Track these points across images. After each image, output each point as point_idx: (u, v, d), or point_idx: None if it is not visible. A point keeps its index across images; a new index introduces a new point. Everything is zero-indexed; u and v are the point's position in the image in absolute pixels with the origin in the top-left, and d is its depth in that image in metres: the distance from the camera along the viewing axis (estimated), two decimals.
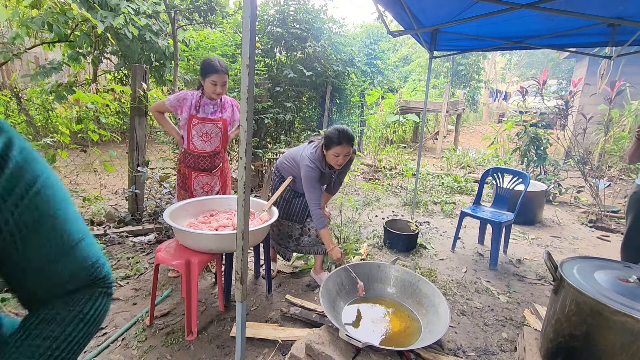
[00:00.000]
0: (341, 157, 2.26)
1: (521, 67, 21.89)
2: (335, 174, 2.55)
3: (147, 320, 2.19)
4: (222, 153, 2.65)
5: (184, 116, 2.40)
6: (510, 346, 2.16)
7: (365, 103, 8.28)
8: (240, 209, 1.22)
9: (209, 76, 2.34)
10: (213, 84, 2.36)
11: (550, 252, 1.73)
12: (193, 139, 2.45)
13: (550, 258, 1.64)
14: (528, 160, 5.44)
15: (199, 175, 2.56)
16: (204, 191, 2.61)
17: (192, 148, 2.48)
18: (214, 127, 2.47)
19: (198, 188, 2.59)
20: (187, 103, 2.39)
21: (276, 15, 5.49)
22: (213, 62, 2.35)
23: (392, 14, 3.04)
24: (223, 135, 2.53)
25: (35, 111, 5.84)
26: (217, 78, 2.36)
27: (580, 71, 9.48)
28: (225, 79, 2.40)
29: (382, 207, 4.97)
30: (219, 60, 2.38)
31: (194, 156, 2.51)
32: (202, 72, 2.39)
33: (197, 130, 2.43)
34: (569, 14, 2.49)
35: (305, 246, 2.65)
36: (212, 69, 2.34)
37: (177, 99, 2.40)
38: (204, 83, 2.39)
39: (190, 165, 2.54)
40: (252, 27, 1.06)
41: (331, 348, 1.72)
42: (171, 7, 3.49)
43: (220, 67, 2.36)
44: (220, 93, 2.43)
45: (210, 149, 2.51)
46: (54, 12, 2.75)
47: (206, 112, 2.45)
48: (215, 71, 2.34)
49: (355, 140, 2.28)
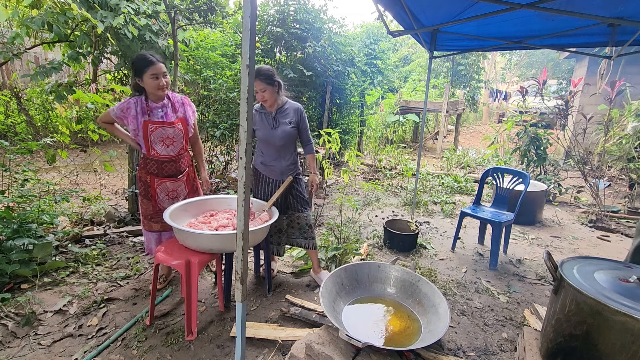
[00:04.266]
0: (259, 94, 2.34)
1: (521, 67, 21.89)
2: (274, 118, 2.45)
3: (147, 320, 2.19)
4: (187, 156, 2.46)
5: (132, 127, 2.18)
6: (510, 346, 2.16)
7: (365, 103, 8.28)
8: (240, 209, 1.22)
9: (145, 71, 2.10)
10: (154, 77, 2.12)
11: (550, 252, 1.72)
12: (154, 145, 2.22)
13: (550, 258, 1.64)
14: (528, 160, 5.44)
15: (163, 182, 2.34)
16: (169, 199, 2.39)
17: (154, 154, 2.26)
18: (174, 130, 2.26)
19: (163, 196, 2.37)
20: (130, 112, 2.16)
21: (276, 15, 5.49)
22: (145, 55, 2.12)
23: (392, 14, 3.04)
24: (185, 136, 2.34)
25: (35, 111, 5.84)
26: (156, 69, 2.13)
27: (580, 71, 9.48)
28: (164, 69, 2.16)
29: (382, 207, 4.97)
30: (149, 52, 2.17)
31: (157, 162, 2.29)
32: (136, 71, 2.13)
33: (157, 135, 2.21)
34: (569, 14, 2.49)
35: (293, 237, 2.68)
36: (147, 62, 2.10)
37: (120, 109, 2.17)
38: (144, 82, 2.14)
39: (152, 172, 2.32)
40: (252, 27, 1.06)
41: (331, 348, 1.72)
42: (171, 7, 3.49)
43: (154, 57, 2.14)
44: (165, 86, 2.19)
45: (175, 152, 2.31)
46: (54, 12, 2.74)
47: (157, 116, 2.21)
48: (150, 63, 2.10)
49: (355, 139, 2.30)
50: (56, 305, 2.30)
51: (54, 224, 3.07)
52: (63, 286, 2.53)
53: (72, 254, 2.93)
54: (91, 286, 2.56)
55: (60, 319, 2.20)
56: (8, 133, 4.63)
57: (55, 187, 3.47)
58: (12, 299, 2.30)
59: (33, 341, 2.00)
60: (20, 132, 4.85)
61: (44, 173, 4.73)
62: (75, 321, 2.19)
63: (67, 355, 1.91)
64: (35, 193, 3.06)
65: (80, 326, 2.15)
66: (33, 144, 2.94)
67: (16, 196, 2.89)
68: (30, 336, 2.03)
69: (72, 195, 3.31)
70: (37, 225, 2.75)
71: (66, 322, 2.18)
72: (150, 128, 2.18)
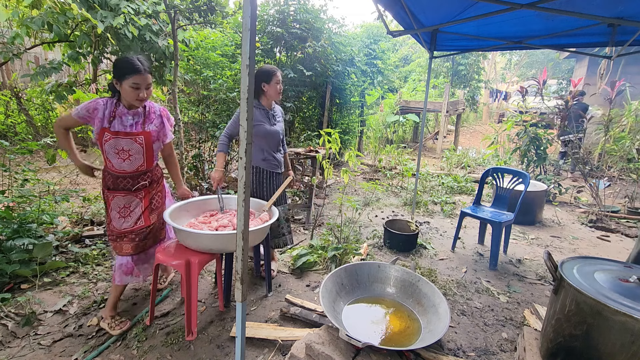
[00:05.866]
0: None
1: (521, 67, 21.89)
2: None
3: (147, 320, 2.19)
4: (152, 172, 2.15)
5: (95, 132, 1.95)
6: (510, 346, 2.16)
7: (365, 103, 8.29)
8: (240, 209, 1.22)
9: (127, 78, 1.86)
10: (134, 87, 1.87)
11: (550, 252, 1.73)
12: (108, 156, 1.96)
13: (550, 258, 1.64)
14: (528, 160, 5.45)
15: (115, 196, 2.05)
16: (120, 216, 2.06)
17: (109, 166, 2.01)
18: (132, 143, 1.97)
19: (114, 213, 2.06)
20: (97, 114, 1.90)
21: (276, 15, 5.50)
22: (132, 61, 1.87)
23: (392, 14, 3.04)
24: (147, 152, 2.03)
25: (35, 111, 5.84)
26: (140, 80, 1.87)
27: (580, 71, 9.48)
28: (149, 80, 1.92)
29: (382, 207, 4.97)
30: (139, 57, 1.90)
31: (113, 176, 2.02)
32: (117, 73, 1.88)
33: (110, 146, 1.94)
34: (569, 14, 2.49)
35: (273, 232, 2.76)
36: (132, 69, 1.85)
37: (86, 109, 1.91)
38: (121, 87, 1.89)
39: (108, 186, 2.05)
40: (252, 27, 1.06)
41: (331, 348, 1.72)
42: (171, 7, 3.49)
43: (142, 65, 1.88)
44: (144, 99, 1.93)
45: (131, 168, 2.02)
46: (54, 12, 2.74)
47: (124, 124, 1.95)
48: (135, 71, 1.85)
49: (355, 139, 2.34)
50: (56, 305, 2.30)
51: (54, 224, 3.07)
52: (63, 286, 2.53)
53: (72, 254, 2.93)
54: (91, 286, 2.56)
55: (60, 319, 2.20)
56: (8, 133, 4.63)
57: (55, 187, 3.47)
58: (12, 299, 2.30)
59: (33, 341, 2.00)
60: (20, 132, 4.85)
61: (44, 173, 4.73)
62: (75, 321, 2.19)
63: (67, 355, 1.91)
64: (35, 193, 3.06)
65: (80, 326, 2.15)
66: (33, 144, 2.94)
67: (16, 196, 2.89)
68: (30, 336, 2.03)
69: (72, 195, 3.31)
70: (37, 225, 2.75)
71: (66, 322, 2.18)
72: (104, 137, 1.91)
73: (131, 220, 2.08)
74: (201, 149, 4.44)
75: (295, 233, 3.82)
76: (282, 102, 5.31)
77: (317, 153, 3.95)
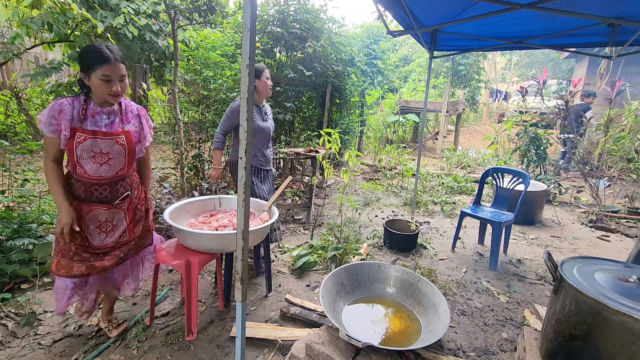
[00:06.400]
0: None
1: (521, 67, 21.89)
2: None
3: (147, 320, 2.19)
4: (131, 177, 1.87)
5: (64, 133, 1.61)
6: (510, 346, 2.16)
7: (365, 103, 8.29)
8: (240, 209, 1.22)
9: (95, 69, 1.57)
10: (105, 79, 1.59)
11: (550, 252, 1.73)
12: (81, 160, 1.64)
13: (550, 258, 1.64)
14: (528, 160, 5.45)
15: (93, 209, 1.75)
16: (101, 232, 1.80)
17: (81, 173, 1.68)
18: (113, 144, 1.69)
19: (92, 228, 1.77)
20: (64, 116, 1.60)
21: (276, 15, 5.49)
22: (100, 49, 1.58)
23: (392, 14, 3.04)
24: (129, 154, 1.77)
25: (35, 111, 5.84)
26: (110, 70, 1.59)
27: (580, 71, 9.49)
28: (122, 71, 1.64)
29: (382, 207, 4.97)
30: (107, 45, 1.62)
31: (85, 184, 1.71)
32: (83, 65, 1.59)
33: (85, 149, 1.63)
34: (569, 14, 2.49)
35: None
36: (100, 58, 1.56)
37: (51, 117, 1.59)
38: (90, 81, 1.61)
39: (79, 197, 1.73)
40: (252, 27, 1.06)
41: (331, 348, 1.72)
42: (171, 7, 3.49)
43: (112, 54, 1.59)
44: (118, 93, 1.65)
45: (110, 173, 1.73)
46: (54, 12, 2.75)
47: (98, 124, 1.67)
48: (104, 60, 1.57)
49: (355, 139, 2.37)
50: None
51: (54, 224, 3.07)
52: None
53: None
54: None
55: (60, 319, 2.20)
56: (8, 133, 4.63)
57: None
58: (12, 299, 2.30)
59: (33, 341, 2.00)
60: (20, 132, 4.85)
61: (44, 173, 4.73)
62: (75, 321, 2.19)
63: (67, 355, 1.91)
64: (35, 193, 3.06)
65: (80, 326, 2.15)
66: (33, 144, 2.94)
67: (16, 196, 2.89)
68: (30, 336, 2.03)
69: None
70: (37, 225, 2.75)
71: (66, 322, 2.18)
72: (77, 138, 1.61)
73: (115, 235, 1.85)
74: (201, 149, 4.44)
75: (295, 233, 3.82)
76: (282, 102, 5.30)
77: (317, 153, 3.95)
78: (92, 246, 1.79)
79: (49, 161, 1.68)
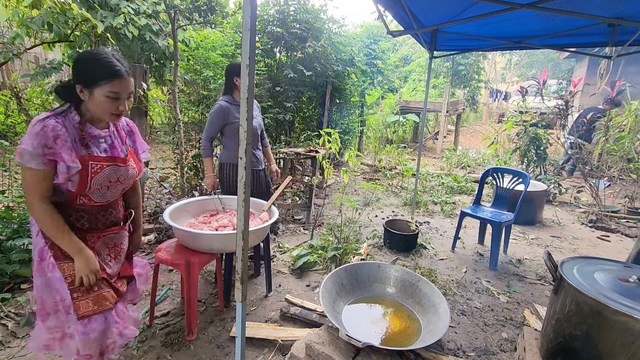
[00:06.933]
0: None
1: (521, 67, 21.89)
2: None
3: (147, 320, 2.19)
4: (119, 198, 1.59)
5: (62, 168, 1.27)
6: (510, 346, 2.16)
7: (365, 103, 8.29)
8: (240, 209, 1.22)
9: (102, 84, 1.27)
10: (113, 97, 1.30)
11: (550, 252, 1.73)
12: (90, 192, 1.37)
13: (550, 258, 1.64)
14: (528, 160, 5.45)
15: (104, 235, 1.49)
16: (110, 258, 1.53)
17: (83, 202, 1.39)
18: (127, 170, 1.47)
19: (105, 255, 1.50)
20: (65, 143, 1.27)
21: (276, 15, 5.50)
22: (109, 60, 1.28)
23: (392, 14, 3.04)
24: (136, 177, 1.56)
25: (35, 111, 5.83)
26: (122, 87, 1.31)
27: (580, 71, 9.49)
28: (131, 87, 1.36)
29: (382, 207, 4.97)
30: (114, 54, 1.32)
31: (89, 213, 1.42)
32: (87, 77, 1.28)
33: (102, 180, 1.37)
34: (569, 14, 2.49)
35: None
36: (111, 71, 1.28)
37: (42, 145, 1.22)
38: (90, 97, 1.29)
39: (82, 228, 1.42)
40: (252, 27, 1.06)
41: (331, 348, 1.72)
42: (171, 7, 3.49)
43: (123, 66, 1.32)
44: (123, 113, 1.38)
45: (115, 196, 1.50)
46: (54, 12, 2.75)
47: (100, 149, 1.40)
48: (116, 74, 1.28)
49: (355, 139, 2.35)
50: None
51: None
52: None
53: None
54: None
55: None
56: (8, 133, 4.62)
57: None
58: (12, 299, 2.30)
59: None
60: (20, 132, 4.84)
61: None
62: None
63: None
64: None
65: None
66: None
67: (16, 196, 2.89)
68: (30, 336, 2.03)
69: None
70: None
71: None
72: (93, 168, 1.33)
73: (121, 259, 1.60)
74: (201, 149, 4.44)
75: (295, 233, 3.82)
76: (282, 102, 5.30)
77: (317, 153, 3.95)
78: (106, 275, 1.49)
79: (38, 202, 1.28)
